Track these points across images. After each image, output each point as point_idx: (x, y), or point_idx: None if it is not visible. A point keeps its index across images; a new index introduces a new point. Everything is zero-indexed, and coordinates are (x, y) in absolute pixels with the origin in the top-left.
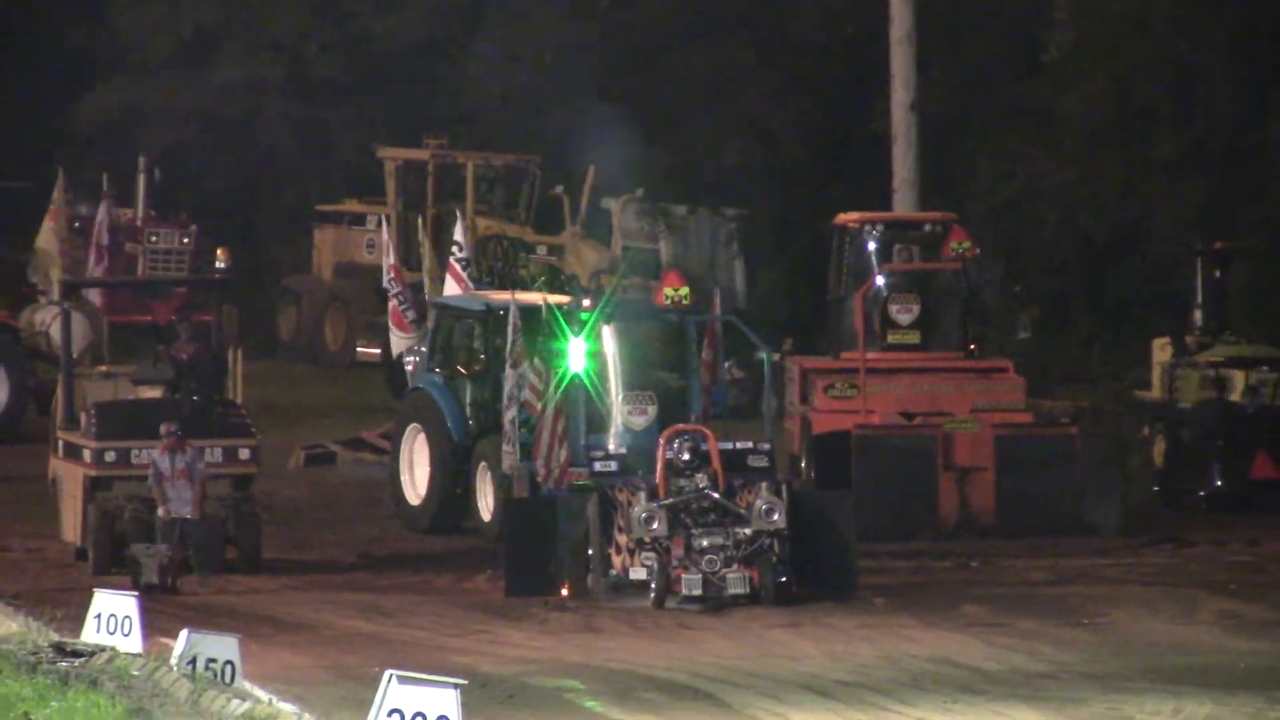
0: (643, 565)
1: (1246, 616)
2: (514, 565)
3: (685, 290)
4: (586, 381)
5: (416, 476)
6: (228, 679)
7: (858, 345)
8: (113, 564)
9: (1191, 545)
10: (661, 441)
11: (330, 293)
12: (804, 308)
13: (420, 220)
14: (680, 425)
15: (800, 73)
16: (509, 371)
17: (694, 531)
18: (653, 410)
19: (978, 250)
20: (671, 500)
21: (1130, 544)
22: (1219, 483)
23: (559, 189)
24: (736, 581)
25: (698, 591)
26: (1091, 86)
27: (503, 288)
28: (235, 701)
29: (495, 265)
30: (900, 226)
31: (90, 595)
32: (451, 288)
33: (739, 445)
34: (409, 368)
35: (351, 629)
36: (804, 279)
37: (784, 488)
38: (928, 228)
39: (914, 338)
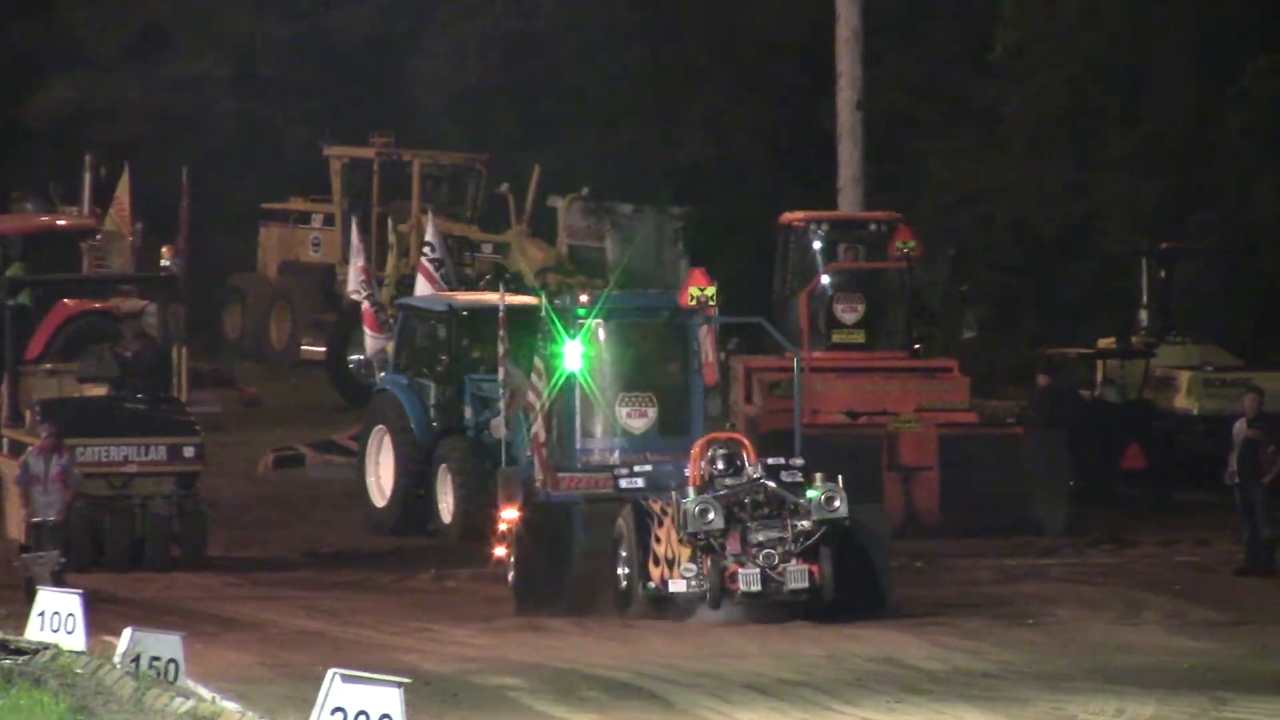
0: (682, 577)
1: (1190, 616)
2: (525, 578)
3: (712, 290)
4: (583, 382)
5: (382, 478)
6: (171, 677)
7: (802, 344)
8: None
9: (1136, 545)
10: (695, 451)
11: (275, 291)
12: (750, 307)
13: (389, 221)
14: (715, 434)
15: (750, 71)
16: (501, 370)
17: (749, 525)
18: (652, 413)
19: (923, 249)
20: (726, 490)
21: (1075, 543)
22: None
23: (505, 187)
24: (797, 575)
25: (756, 588)
26: (1040, 85)
27: (449, 286)
28: (179, 700)
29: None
30: (845, 226)
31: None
32: (424, 288)
33: (771, 460)
34: (353, 367)
35: (295, 627)
36: (750, 278)
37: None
38: (873, 227)
39: (859, 337)
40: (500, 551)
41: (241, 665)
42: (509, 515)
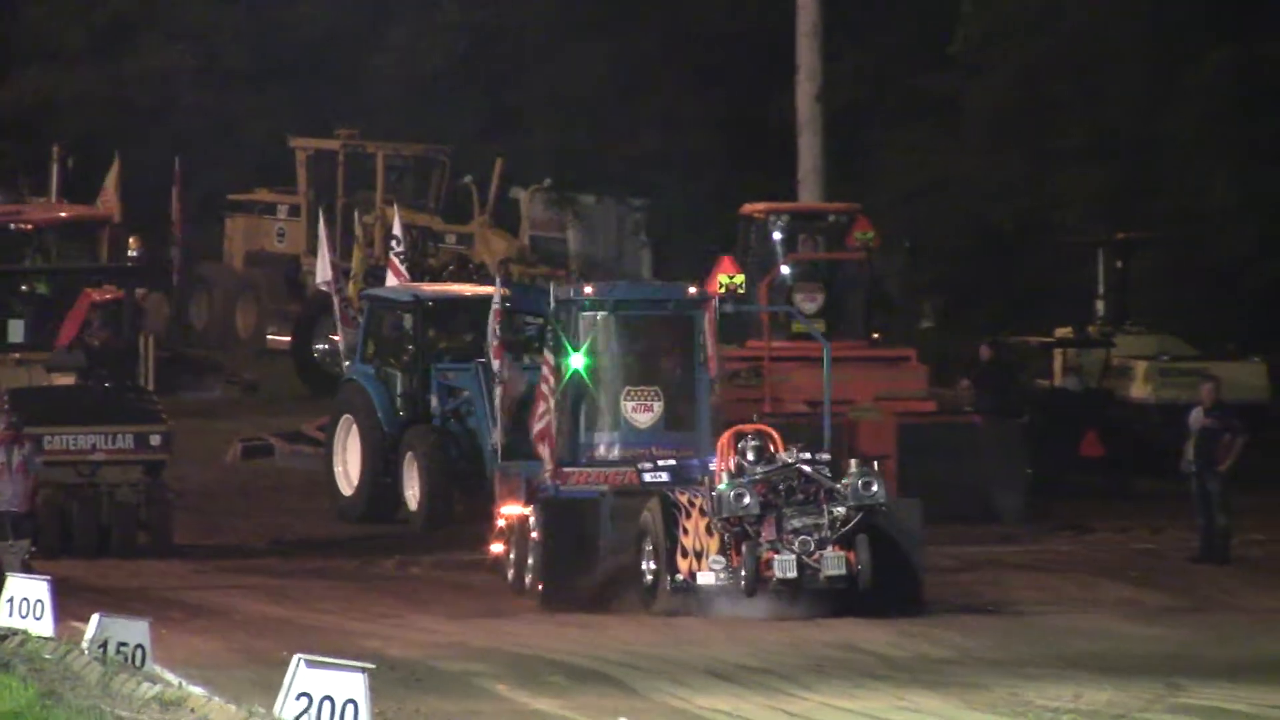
0: (710, 569)
1: (1146, 603)
2: (551, 572)
3: (741, 278)
4: (586, 377)
5: (349, 467)
6: (138, 663)
7: (762, 334)
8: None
9: (1093, 532)
10: (723, 442)
11: (241, 281)
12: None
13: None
14: (742, 426)
15: (710, 64)
16: (497, 364)
17: (785, 511)
18: (658, 407)
19: (881, 240)
20: (762, 474)
21: (1033, 531)
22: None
23: (468, 179)
24: (833, 562)
25: (792, 574)
26: (998, 78)
27: (412, 276)
28: (146, 685)
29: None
30: (805, 216)
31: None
32: (393, 281)
33: (800, 449)
34: (317, 356)
35: (261, 613)
36: (711, 267)
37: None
38: (832, 218)
39: (818, 326)
40: (498, 548)
41: (208, 651)
42: (509, 511)
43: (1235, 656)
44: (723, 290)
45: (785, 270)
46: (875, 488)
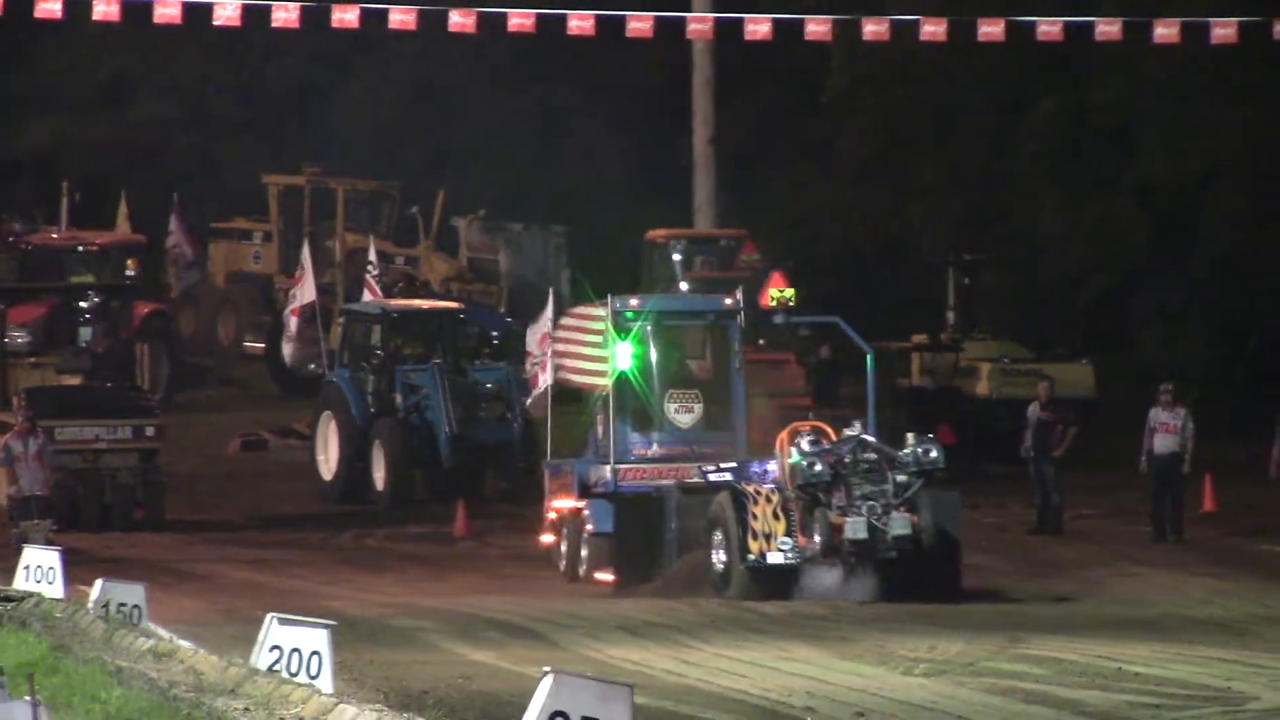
0: (779, 549)
1: (993, 569)
2: (624, 560)
3: (791, 292)
4: (633, 381)
5: (329, 456)
6: (136, 620)
7: None
8: None
9: None
10: (783, 437)
11: (223, 297)
12: None
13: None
14: (799, 423)
15: (621, 110)
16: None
17: (853, 480)
18: (698, 409)
19: (766, 261)
20: (832, 445)
21: None
22: None
23: (414, 209)
24: (899, 523)
25: (863, 535)
26: (863, 122)
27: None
28: (142, 640)
29: (361, 274)
30: (700, 241)
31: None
32: (367, 297)
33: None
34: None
35: (240, 579)
36: (622, 285)
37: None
38: (723, 242)
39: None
40: (548, 539)
41: (195, 610)
42: (561, 505)
43: (1068, 614)
44: (774, 304)
45: (684, 286)
46: (934, 453)
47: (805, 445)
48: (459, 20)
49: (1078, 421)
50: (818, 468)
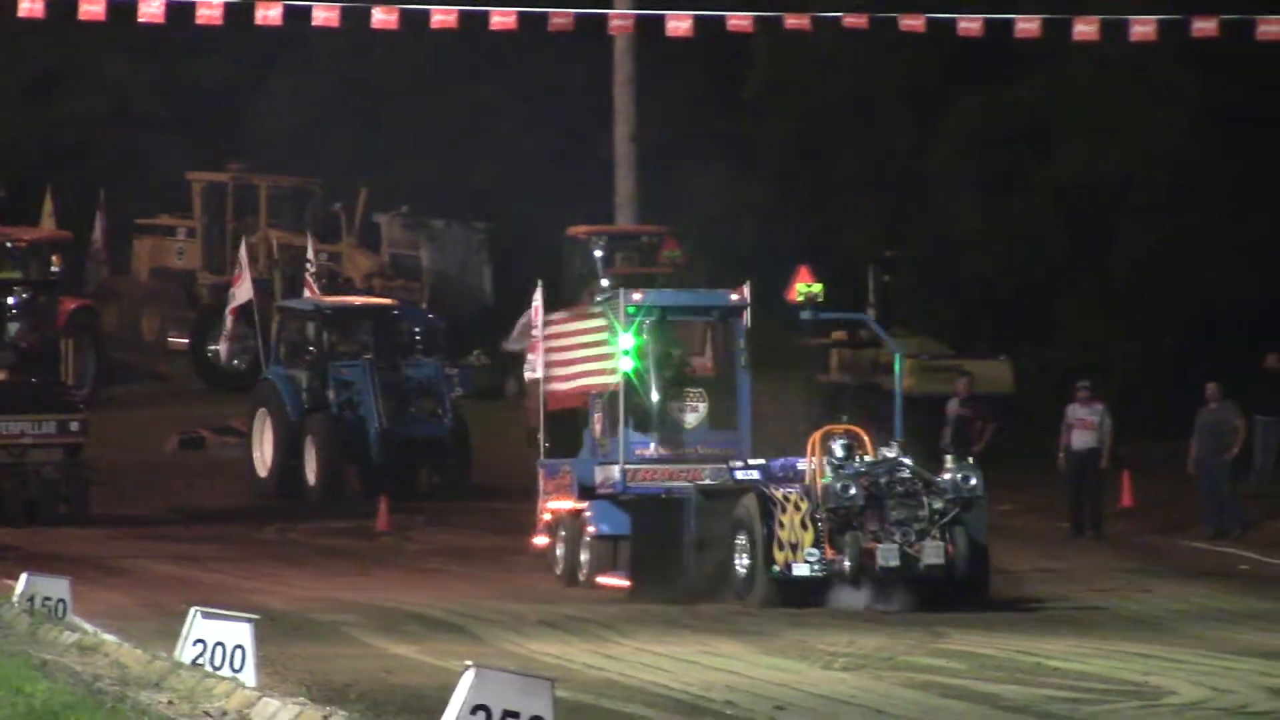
0: (805, 561)
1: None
2: (640, 564)
3: (819, 287)
4: (634, 379)
5: (265, 451)
6: (60, 615)
7: None
8: None
9: None
10: (815, 440)
11: (147, 292)
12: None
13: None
14: (831, 426)
15: (543, 108)
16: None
17: (887, 503)
18: (703, 408)
19: (687, 257)
20: (866, 467)
21: None
22: None
23: (337, 206)
24: (933, 551)
25: (895, 562)
26: (785, 120)
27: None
28: (67, 633)
29: (285, 270)
30: (621, 237)
31: None
32: (306, 295)
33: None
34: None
35: (164, 573)
36: (543, 281)
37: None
38: (644, 239)
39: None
40: (542, 540)
41: (120, 605)
42: (557, 506)
43: (986, 609)
44: (801, 299)
45: (604, 282)
46: (974, 481)
47: (839, 452)
48: (381, 17)
49: (997, 418)
50: (852, 491)
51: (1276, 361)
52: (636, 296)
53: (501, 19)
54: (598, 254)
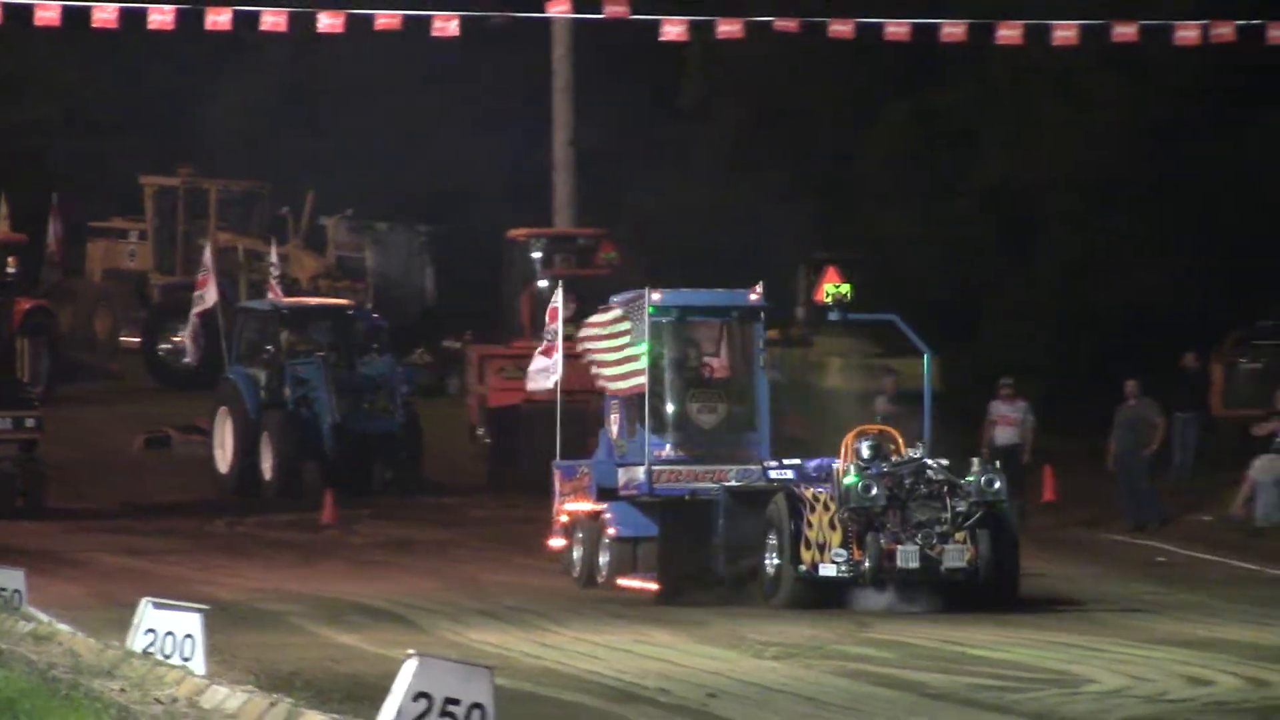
0: (832, 561)
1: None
2: (669, 566)
3: (847, 288)
4: (663, 379)
5: (226, 448)
6: (16, 605)
7: (525, 336)
8: None
9: None
10: (847, 441)
11: (100, 293)
12: (483, 305)
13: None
14: (865, 426)
15: (484, 113)
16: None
17: (910, 505)
18: (722, 409)
19: (623, 259)
20: (890, 468)
21: None
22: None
23: (284, 209)
24: (954, 554)
25: (915, 564)
26: (720, 126)
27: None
28: (22, 623)
29: (235, 272)
30: (559, 240)
31: None
32: (270, 296)
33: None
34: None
35: (117, 565)
36: (483, 282)
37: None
38: (582, 241)
39: (570, 329)
40: (558, 543)
41: (74, 595)
42: (574, 508)
43: (912, 600)
44: (829, 299)
45: (543, 284)
46: (998, 484)
47: (865, 453)
48: (328, 22)
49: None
50: (873, 491)
51: (1194, 361)
52: (656, 296)
53: (442, 23)
54: (536, 255)
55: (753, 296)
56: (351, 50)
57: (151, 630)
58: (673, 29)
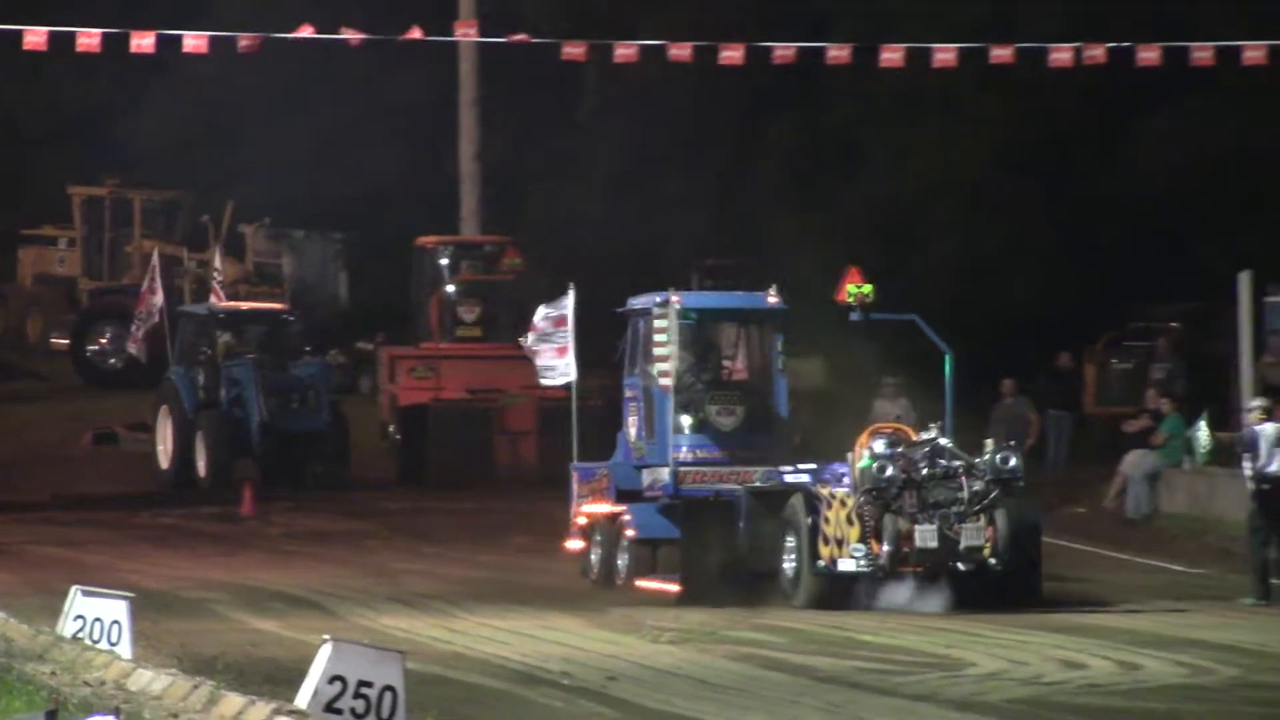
0: (850, 556)
1: None
2: (692, 568)
3: (869, 288)
4: (684, 380)
5: (167, 445)
6: None
7: (433, 338)
8: None
9: None
10: (862, 439)
11: (30, 298)
12: (394, 309)
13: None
14: (879, 425)
15: (397, 126)
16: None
17: (925, 486)
18: (740, 411)
19: (526, 266)
20: (906, 449)
21: None
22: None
23: (205, 217)
24: (972, 533)
25: (933, 544)
26: (616, 139)
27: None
28: None
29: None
30: (466, 247)
31: None
32: (213, 300)
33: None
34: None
35: (48, 554)
36: (394, 286)
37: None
38: (487, 248)
39: (476, 332)
40: (576, 544)
41: (7, 583)
42: (593, 509)
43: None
44: (850, 299)
45: (450, 289)
46: (1013, 462)
47: (880, 448)
48: (246, 43)
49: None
50: (889, 471)
51: (1068, 361)
52: (675, 299)
53: (352, 34)
54: (444, 262)
55: (770, 299)
56: (270, 67)
57: (81, 617)
58: (572, 50)
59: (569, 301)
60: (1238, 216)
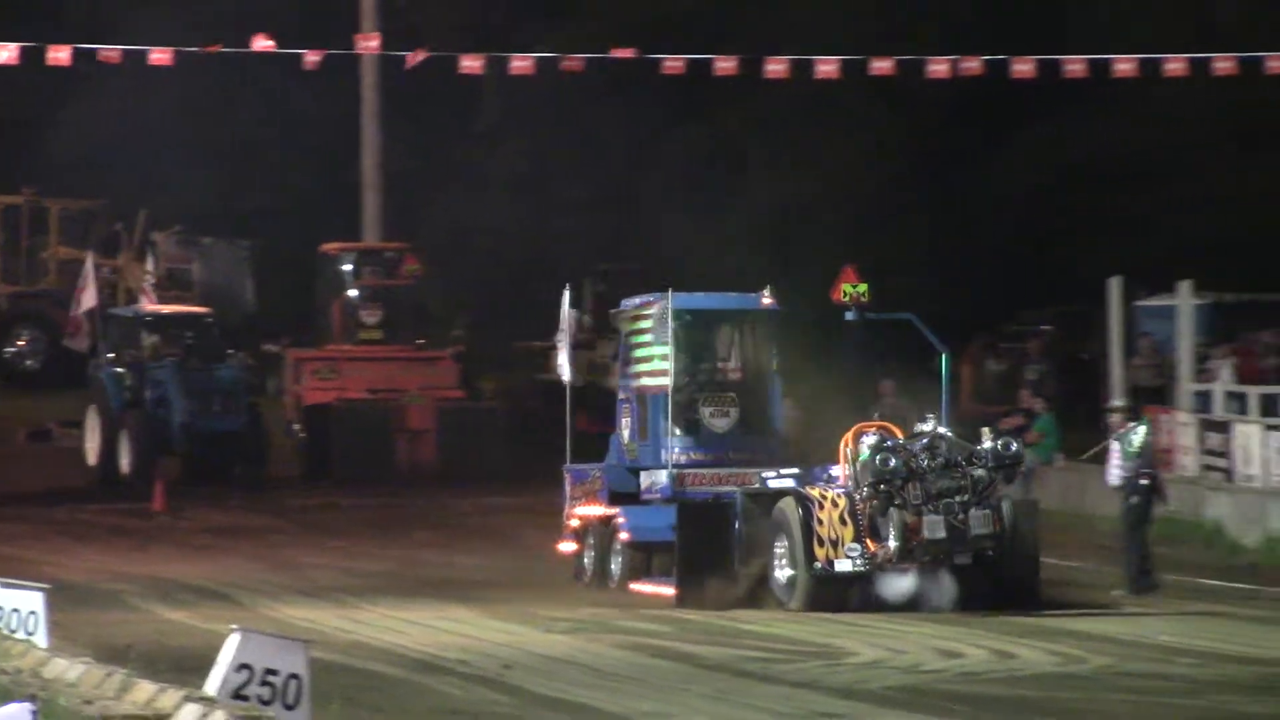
0: (846, 556)
1: None
2: (687, 570)
3: (864, 287)
4: (681, 382)
5: (96, 443)
6: None
7: (336, 340)
8: None
9: None
10: (848, 439)
11: None
12: (299, 312)
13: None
14: (865, 424)
15: (299, 137)
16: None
17: (928, 475)
18: (734, 413)
19: (425, 271)
20: (905, 440)
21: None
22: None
23: (118, 225)
24: (980, 521)
25: (942, 534)
26: (515, 147)
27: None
28: None
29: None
30: (368, 253)
31: None
32: (144, 303)
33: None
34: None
35: None
36: (299, 291)
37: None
38: (388, 254)
39: (377, 334)
40: (568, 547)
41: None
42: (586, 512)
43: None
44: (846, 299)
45: (353, 293)
46: (1015, 447)
47: (873, 443)
48: (158, 56)
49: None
50: (892, 463)
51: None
52: (672, 301)
53: (262, 43)
54: (347, 268)
55: (765, 300)
56: (181, 79)
57: None
58: (470, 63)
59: (564, 303)
60: (1110, 223)
